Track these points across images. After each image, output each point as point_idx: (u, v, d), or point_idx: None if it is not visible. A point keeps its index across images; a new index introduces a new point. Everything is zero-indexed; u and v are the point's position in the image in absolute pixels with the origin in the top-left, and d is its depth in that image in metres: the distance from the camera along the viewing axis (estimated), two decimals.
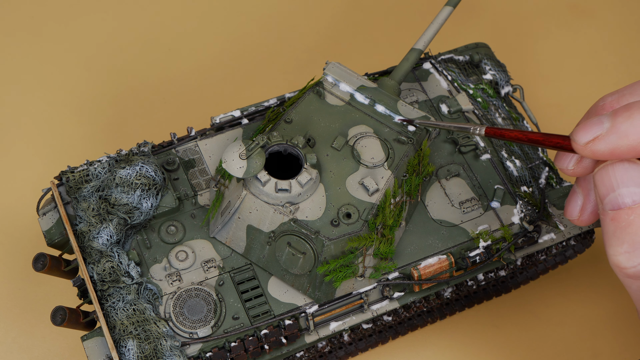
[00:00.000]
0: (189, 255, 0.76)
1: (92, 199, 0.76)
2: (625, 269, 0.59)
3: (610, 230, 0.59)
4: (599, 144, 0.58)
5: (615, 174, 0.58)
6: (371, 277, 0.76)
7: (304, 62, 1.06)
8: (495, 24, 1.11)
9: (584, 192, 0.66)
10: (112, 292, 0.73)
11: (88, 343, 0.73)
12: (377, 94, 0.79)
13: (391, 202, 0.75)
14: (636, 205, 0.58)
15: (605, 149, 0.58)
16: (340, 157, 0.76)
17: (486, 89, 0.89)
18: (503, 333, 0.89)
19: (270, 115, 0.81)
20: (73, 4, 1.09)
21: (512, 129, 0.65)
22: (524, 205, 0.81)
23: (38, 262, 0.76)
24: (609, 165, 0.59)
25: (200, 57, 1.06)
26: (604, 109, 0.64)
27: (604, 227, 0.60)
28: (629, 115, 0.57)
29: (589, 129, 0.58)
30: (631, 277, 0.59)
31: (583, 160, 0.63)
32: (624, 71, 1.08)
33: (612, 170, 0.59)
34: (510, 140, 0.65)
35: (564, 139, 0.61)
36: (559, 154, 0.64)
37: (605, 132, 0.58)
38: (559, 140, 0.62)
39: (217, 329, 0.73)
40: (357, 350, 0.83)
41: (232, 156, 0.71)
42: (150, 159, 0.78)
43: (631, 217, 0.58)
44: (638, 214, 0.58)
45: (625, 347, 0.88)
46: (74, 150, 0.98)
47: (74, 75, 1.04)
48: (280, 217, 0.72)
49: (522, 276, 0.88)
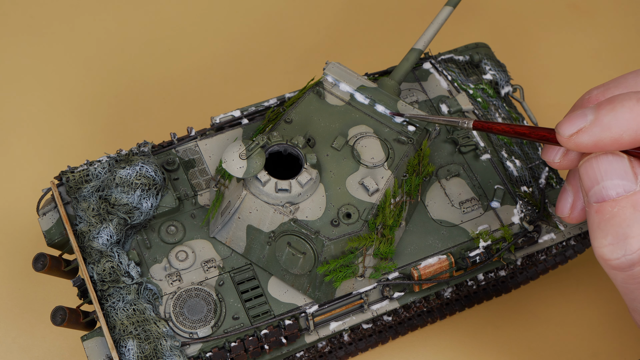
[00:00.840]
0: (189, 255, 0.76)
1: (92, 199, 0.76)
2: (609, 260, 0.59)
3: (595, 223, 0.59)
4: (583, 136, 0.58)
5: (600, 166, 0.59)
6: (371, 277, 0.76)
7: (304, 62, 1.06)
8: (495, 24, 1.11)
9: (574, 189, 0.66)
10: (112, 292, 0.73)
11: (88, 343, 0.73)
12: (377, 94, 0.79)
13: (391, 202, 0.75)
14: (620, 198, 0.58)
15: (589, 141, 0.58)
16: (340, 157, 0.76)
17: (486, 89, 0.89)
18: (503, 333, 0.89)
19: (270, 115, 0.81)
20: (73, 4, 1.09)
21: (499, 122, 0.65)
22: (524, 205, 0.81)
23: (38, 262, 0.76)
24: (593, 157, 0.59)
25: (200, 57, 1.06)
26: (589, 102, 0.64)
27: (589, 219, 0.60)
28: (612, 107, 0.57)
29: (573, 121, 0.59)
30: (616, 268, 0.60)
31: (569, 154, 0.63)
32: (624, 71, 1.07)
33: (597, 162, 0.59)
34: (497, 133, 0.65)
35: (550, 132, 0.62)
36: (545, 147, 0.64)
37: (588, 124, 0.58)
38: (544, 133, 0.62)
39: (217, 329, 0.73)
40: (357, 350, 0.83)
41: (232, 156, 0.71)
42: (150, 159, 0.78)
43: (615, 209, 0.58)
44: (622, 206, 0.58)
45: (624, 347, 0.88)
46: (74, 150, 0.98)
47: (74, 75, 1.04)
48: (280, 217, 0.72)
49: (522, 276, 0.88)
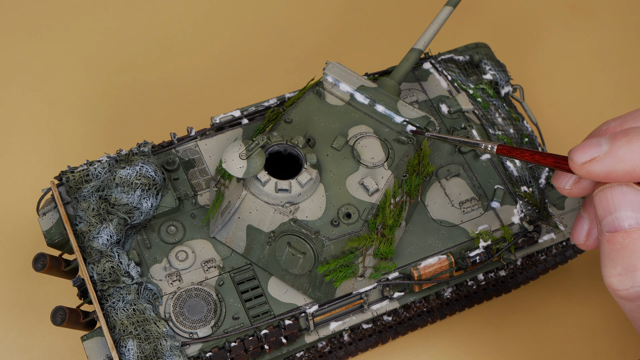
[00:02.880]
0: (189, 255, 0.76)
1: (92, 199, 0.76)
2: (618, 290, 0.60)
3: (605, 252, 0.60)
4: (596, 165, 0.58)
5: (614, 197, 0.59)
6: (371, 277, 0.76)
7: (304, 62, 1.06)
8: (495, 24, 1.11)
9: (590, 217, 0.66)
10: (112, 292, 0.73)
11: (88, 343, 0.73)
12: (377, 94, 0.79)
13: (391, 202, 0.75)
14: (632, 230, 0.58)
15: (601, 171, 0.58)
16: (340, 157, 0.76)
17: (486, 89, 0.89)
18: (503, 333, 0.89)
19: (270, 115, 0.81)
20: (73, 4, 1.09)
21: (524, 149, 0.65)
22: (524, 205, 0.81)
23: (38, 262, 0.76)
24: (607, 188, 0.59)
25: (201, 57, 1.06)
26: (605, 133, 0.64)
27: (600, 247, 0.60)
28: (628, 140, 0.58)
29: (587, 149, 0.59)
30: (624, 298, 0.60)
31: (581, 182, 0.63)
32: (624, 71, 1.08)
33: (611, 193, 0.59)
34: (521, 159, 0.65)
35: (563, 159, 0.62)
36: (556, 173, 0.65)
37: (602, 154, 0.58)
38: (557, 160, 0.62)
39: (217, 329, 0.73)
40: (357, 350, 0.83)
41: (232, 156, 0.71)
42: (150, 159, 0.78)
43: (626, 240, 0.58)
44: (633, 238, 0.58)
45: (624, 348, 0.88)
46: (74, 150, 0.98)
47: (74, 75, 1.04)
48: (280, 217, 0.72)
49: (522, 276, 0.88)
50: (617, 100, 1.05)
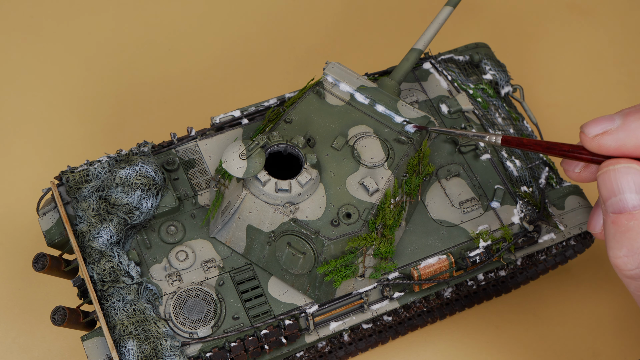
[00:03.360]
0: (189, 255, 0.76)
1: (92, 199, 0.76)
2: (623, 270, 0.61)
3: (611, 233, 0.60)
4: (607, 138, 0.60)
5: (618, 178, 0.60)
6: (371, 277, 0.76)
7: (304, 62, 1.06)
8: (495, 24, 1.11)
9: None
10: (112, 292, 0.73)
11: (88, 343, 0.73)
12: (377, 94, 0.79)
13: (391, 202, 0.75)
14: (636, 211, 0.59)
15: (613, 144, 0.59)
16: (340, 157, 0.76)
17: (486, 89, 0.89)
18: (503, 333, 0.89)
19: (270, 115, 0.81)
20: (73, 4, 1.09)
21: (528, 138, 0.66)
22: (524, 205, 0.81)
23: (38, 262, 0.76)
24: (611, 168, 0.60)
25: (200, 57, 1.06)
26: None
27: (605, 228, 0.61)
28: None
29: (599, 123, 0.60)
30: (630, 278, 0.61)
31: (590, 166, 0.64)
32: (624, 71, 1.08)
33: (614, 174, 0.60)
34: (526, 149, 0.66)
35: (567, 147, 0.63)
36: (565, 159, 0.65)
37: (615, 127, 0.59)
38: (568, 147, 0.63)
39: (217, 329, 0.73)
40: (357, 350, 0.83)
41: (232, 156, 0.71)
42: (150, 159, 0.78)
43: (631, 222, 0.59)
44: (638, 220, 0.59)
45: (625, 347, 0.88)
46: (74, 150, 0.98)
47: (74, 75, 1.04)
48: (280, 217, 0.72)
49: (522, 276, 0.88)
50: (617, 100, 1.05)
